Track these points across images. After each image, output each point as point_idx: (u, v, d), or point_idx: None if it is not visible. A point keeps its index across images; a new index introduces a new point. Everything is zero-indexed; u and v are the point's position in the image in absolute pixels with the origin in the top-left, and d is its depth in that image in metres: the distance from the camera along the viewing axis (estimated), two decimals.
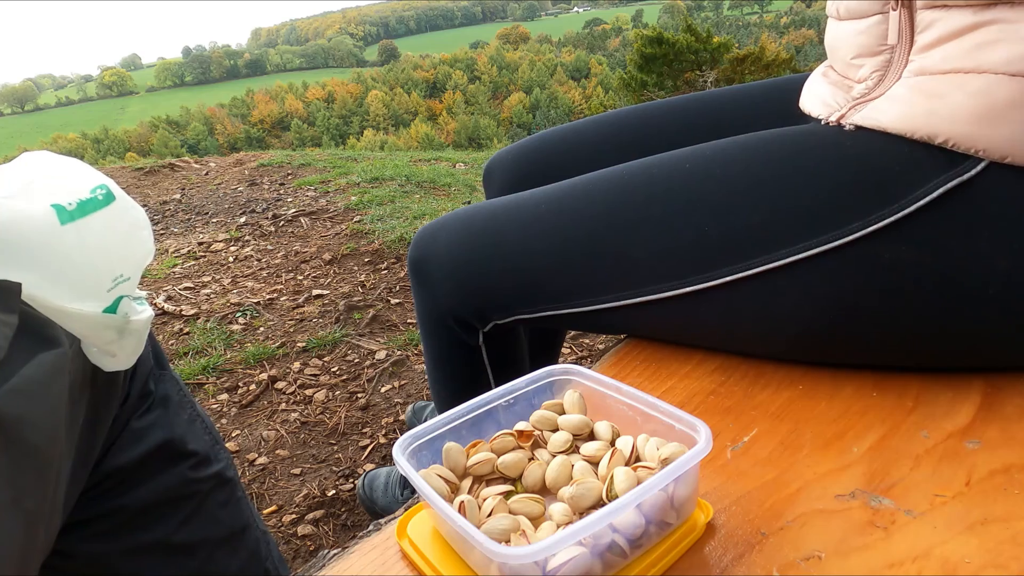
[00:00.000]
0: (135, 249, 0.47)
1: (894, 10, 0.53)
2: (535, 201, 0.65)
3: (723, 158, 0.57)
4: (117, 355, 0.46)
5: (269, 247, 2.61)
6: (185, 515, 0.54)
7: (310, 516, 1.22)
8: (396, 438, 0.67)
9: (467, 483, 0.43)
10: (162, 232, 2.98)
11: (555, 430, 0.46)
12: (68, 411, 0.41)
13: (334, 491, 1.27)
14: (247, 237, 2.75)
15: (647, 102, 0.86)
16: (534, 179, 0.81)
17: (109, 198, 0.45)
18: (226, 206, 3.27)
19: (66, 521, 0.45)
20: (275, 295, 2.15)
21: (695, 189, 0.56)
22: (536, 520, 0.39)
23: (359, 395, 1.58)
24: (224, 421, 1.52)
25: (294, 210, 3.01)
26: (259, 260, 2.48)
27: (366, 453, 1.38)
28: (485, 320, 0.67)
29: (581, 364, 0.50)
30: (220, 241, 2.73)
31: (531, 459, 0.44)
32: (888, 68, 0.55)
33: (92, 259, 0.43)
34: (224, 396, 1.60)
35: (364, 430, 1.46)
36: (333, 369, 1.69)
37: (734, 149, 0.58)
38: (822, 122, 0.59)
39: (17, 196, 0.41)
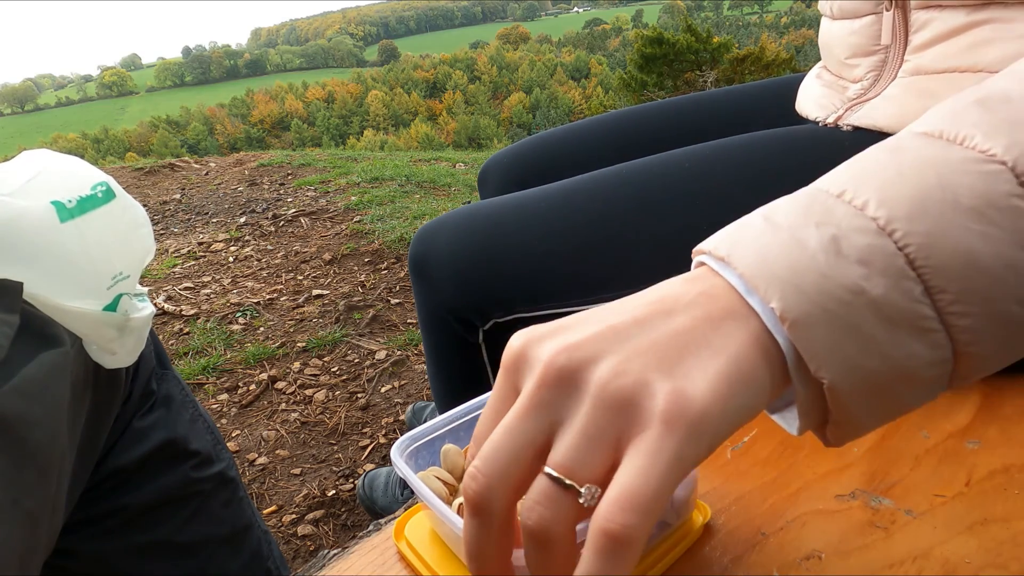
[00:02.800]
0: (135, 247, 0.47)
1: (888, 10, 0.53)
2: (536, 199, 0.65)
3: (722, 158, 0.58)
4: (117, 353, 0.46)
5: (269, 247, 2.61)
6: (187, 515, 0.54)
7: (310, 516, 1.22)
8: (396, 438, 0.67)
9: None
10: (162, 232, 2.98)
11: None
12: (70, 410, 0.41)
13: (334, 491, 1.28)
14: (247, 237, 2.75)
15: (646, 103, 0.86)
16: (529, 181, 0.81)
17: (109, 195, 0.45)
18: (226, 206, 3.27)
19: (68, 520, 0.45)
20: (275, 295, 2.15)
21: (694, 188, 0.56)
22: None
23: (359, 395, 1.58)
24: (224, 421, 1.52)
25: (294, 210, 3.01)
26: (259, 260, 2.48)
27: (366, 453, 1.38)
28: (485, 318, 0.67)
29: None
30: (220, 241, 2.73)
31: None
32: (883, 68, 0.55)
33: (92, 257, 0.43)
34: (224, 396, 1.60)
35: (364, 430, 1.46)
36: (333, 369, 1.69)
37: (732, 149, 0.58)
38: (819, 124, 0.59)
39: (17, 194, 0.41)
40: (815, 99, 0.63)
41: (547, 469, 0.24)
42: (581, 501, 0.23)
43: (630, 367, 0.24)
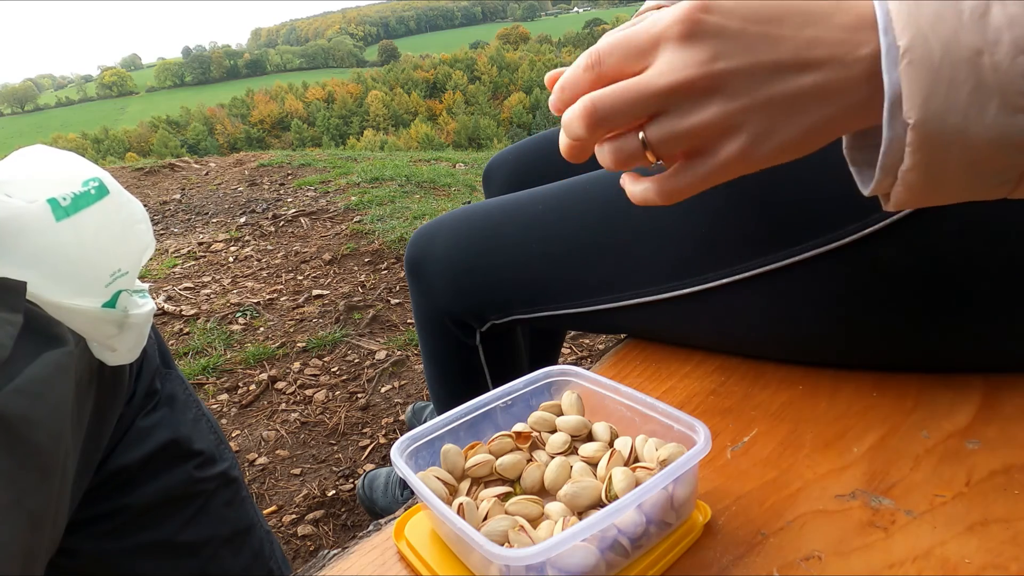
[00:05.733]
0: (132, 243, 0.47)
1: None
2: (533, 201, 0.65)
3: None
4: (118, 349, 0.46)
5: (269, 247, 2.61)
6: (190, 514, 0.54)
7: (310, 516, 1.22)
8: (396, 438, 0.67)
9: (465, 485, 0.43)
10: (162, 232, 2.98)
11: (553, 431, 0.46)
12: (73, 410, 0.41)
13: (334, 491, 1.28)
14: (247, 237, 2.75)
15: None
16: (534, 180, 0.81)
17: (102, 191, 0.45)
18: (226, 206, 3.27)
19: (71, 520, 0.45)
20: (275, 295, 2.15)
21: None
22: (535, 522, 0.39)
23: (359, 395, 1.58)
24: (224, 421, 1.52)
25: (294, 210, 3.01)
26: (259, 260, 2.48)
27: (366, 453, 1.38)
28: (482, 320, 0.67)
29: (581, 364, 0.50)
30: (220, 241, 2.73)
31: (529, 460, 0.44)
32: None
33: (89, 254, 0.43)
34: (224, 396, 1.60)
35: (364, 430, 1.46)
36: (333, 369, 1.69)
37: None
38: None
39: (12, 192, 0.41)
40: None
41: (644, 138, 0.33)
42: (651, 167, 0.36)
43: (740, 116, 0.31)
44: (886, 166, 0.31)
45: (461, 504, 0.38)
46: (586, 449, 0.44)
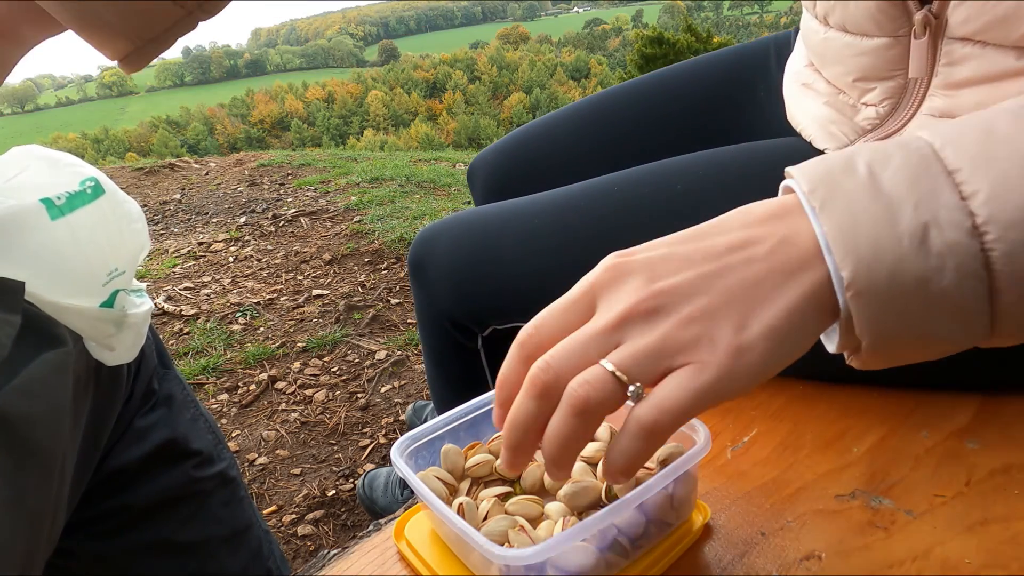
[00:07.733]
0: (128, 242, 0.47)
1: (918, 38, 0.46)
2: (532, 213, 0.64)
3: (712, 175, 0.57)
4: (116, 349, 0.46)
5: (269, 247, 2.61)
6: (188, 514, 0.54)
7: (310, 516, 1.22)
8: (396, 438, 0.67)
9: (465, 485, 0.43)
10: (162, 232, 2.97)
11: None
12: (72, 410, 0.41)
13: (334, 491, 1.28)
14: (247, 237, 2.75)
15: (615, 85, 0.86)
16: (515, 177, 0.81)
17: (98, 191, 0.45)
18: (226, 206, 3.27)
19: (69, 520, 0.45)
20: (275, 295, 2.15)
21: (685, 211, 0.56)
22: (535, 522, 0.39)
23: (359, 395, 1.58)
24: (224, 421, 1.52)
25: (294, 210, 3.01)
26: (259, 260, 2.48)
27: (366, 453, 1.38)
28: (483, 325, 0.67)
29: None
30: (220, 241, 2.73)
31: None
32: (902, 96, 0.49)
33: (85, 254, 0.43)
34: (224, 396, 1.60)
35: (364, 430, 1.46)
36: (333, 369, 1.69)
37: (725, 167, 0.58)
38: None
39: (5, 192, 0.41)
40: (817, 120, 0.58)
41: (608, 366, 0.28)
42: (629, 395, 0.28)
43: (705, 317, 0.28)
44: (845, 348, 0.31)
45: (461, 504, 0.38)
46: (586, 449, 0.44)
